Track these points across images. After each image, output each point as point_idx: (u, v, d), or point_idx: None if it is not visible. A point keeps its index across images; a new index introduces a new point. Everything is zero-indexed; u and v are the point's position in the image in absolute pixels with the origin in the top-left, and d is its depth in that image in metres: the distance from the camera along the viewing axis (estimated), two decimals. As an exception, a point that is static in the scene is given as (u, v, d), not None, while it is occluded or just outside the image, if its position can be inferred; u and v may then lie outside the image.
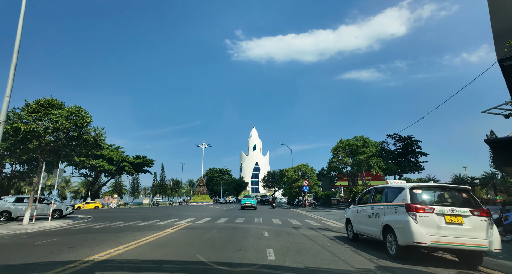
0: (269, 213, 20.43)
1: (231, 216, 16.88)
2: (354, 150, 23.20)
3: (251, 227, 10.63)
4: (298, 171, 30.89)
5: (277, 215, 18.67)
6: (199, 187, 52.03)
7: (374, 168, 22.41)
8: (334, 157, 24.02)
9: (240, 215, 17.85)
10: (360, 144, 23.02)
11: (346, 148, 23.30)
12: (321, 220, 15.07)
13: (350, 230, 7.84)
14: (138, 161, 58.08)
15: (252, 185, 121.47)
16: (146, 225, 11.88)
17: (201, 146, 54.81)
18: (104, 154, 53.26)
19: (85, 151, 16.02)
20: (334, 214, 20.27)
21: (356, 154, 23.28)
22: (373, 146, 22.92)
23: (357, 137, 24.16)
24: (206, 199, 50.27)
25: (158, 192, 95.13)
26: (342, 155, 23.37)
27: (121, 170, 56.17)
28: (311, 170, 30.62)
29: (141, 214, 20.42)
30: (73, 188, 72.75)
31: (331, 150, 24.49)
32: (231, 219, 14.31)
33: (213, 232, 9.18)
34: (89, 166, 50.05)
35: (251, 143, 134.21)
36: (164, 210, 27.85)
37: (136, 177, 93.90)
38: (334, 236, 8.63)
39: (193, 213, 19.89)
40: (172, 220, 14.24)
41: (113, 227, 11.40)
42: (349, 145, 23.46)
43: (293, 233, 9.12)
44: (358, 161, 22.69)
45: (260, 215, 17.67)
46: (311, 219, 15.77)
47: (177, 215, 17.95)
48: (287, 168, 32.05)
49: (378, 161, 22.78)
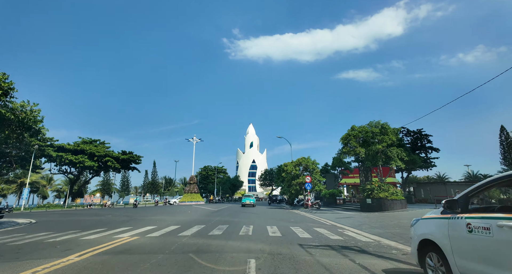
0: (264, 216, 16.06)
1: (212, 221, 12.47)
2: (369, 138, 18.88)
3: (230, 246, 6.24)
4: (298, 166, 26.53)
5: (274, 219, 14.32)
6: (189, 185, 47.50)
7: (394, 159, 18.13)
8: (344, 148, 19.68)
9: (225, 220, 13.46)
10: (377, 130, 18.73)
11: (360, 136, 18.95)
12: (336, 228, 10.72)
13: (436, 268, 3.46)
14: (124, 156, 53.34)
15: (249, 183, 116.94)
16: (68, 240, 7.48)
17: (191, 140, 50.29)
18: (85, 149, 48.59)
19: (3, 131, 11.45)
20: (347, 217, 15.94)
21: (371, 144, 18.97)
22: (392, 133, 18.64)
23: (373, 122, 19.86)
24: (197, 198, 45.78)
25: (149, 190, 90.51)
26: (354, 145, 19.00)
27: (104, 167, 51.50)
28: (314, 164, 26.26)
29: (101, 218, 15.97)
30: (55, 187, 67.93)
31: (340, 139, 20.15)
32: (208, 228, 9.90)
33: (151, 262, 4.77)
34: (67, 161, 45.40)
35: (247, 140, 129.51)
36: (136, 212, 23.38)
37: (126, 174, 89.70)
38: (386, 271, 4.25)
39: (165, 217, 15.46)
40: (121, 229, 9.79)
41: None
42: (363, 132, 19.13)
43: (303, 262, 4.78)
44: (374, 151, 18.34)
45: (252, 220, 13.30)
46: (321, 225, 11.40)
47: (141, 220, 13.51)
48: (286, 162, 27.67)
49: (399, 151, 18.49)
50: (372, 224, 11.79)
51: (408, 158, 18.69)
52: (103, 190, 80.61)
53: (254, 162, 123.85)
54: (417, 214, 15.69)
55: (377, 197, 18.31)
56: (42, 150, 43.61)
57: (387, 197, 17.89)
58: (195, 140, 49.82)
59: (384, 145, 18.13)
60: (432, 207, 21.87)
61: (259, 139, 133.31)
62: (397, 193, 18.09)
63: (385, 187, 18.35)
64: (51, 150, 44.18)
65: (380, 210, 18.03)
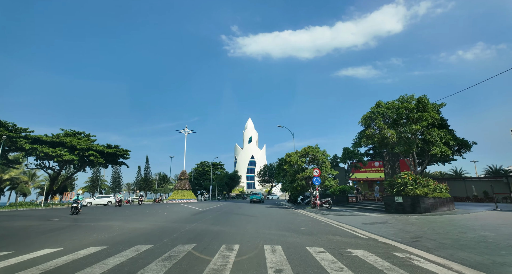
0: (262, 221, 11.43)
1: (175, 234, 7.78)
2: (402, 117, 14.18)
3: None
4: (304, 156, 21.87)
5: (276, 226, 9.67)
6: (180, 181, 42.82)
7: (436, 144, 13.46)
8: (367, 130, 14.96)
9: (200, 229, 8.79)
10: (412, 106, 14.02)
11: (389, 114, 14.22)
12: (388, 249, 6.05)
13: None
14: (109, 150, 48.50)
15: (248, 180, 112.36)
16: None
17: (183, 132, 45.49)
18: (65, 141, 43.81)
19: None
20: (377, 222, 11.31)
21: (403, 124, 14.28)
22: (433, 109, 13.93)
23: (404, 97, 15.08)
24: (189, 196, 41.16)
25: (142, 187, 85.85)
26: (381, 125, 14.28)
27: (88, 161, 46.78)
28: (324, 154, 21.58)
29: (30, 224, 11.35)
30: (38, 183, 63.21)
31: (361, 119, 15.42)
32: (152, 254, 5.22)
33: None
34: (42, 155, 40.67)
35: (246, 134, 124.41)
36: (101, 213, 18.74)
37: (117, 170, 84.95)
38: None
39: (117, 224, 10.81)
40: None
41: None
42: (392, 108, 14.41)
43: None
44: (409, 133, 13.65)
45: (242, 229, 8.64)
46: (356, 242, 6.73)
47: (72, 231, 8.87)
48: (289, 153, 22.97)
49: (442, 133, 13.81)
50: (444, 239, 7.11)
51: (454, 142, 14.04)
52: (92, 186, 76.03)
53: (253, 158, 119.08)
54: (488, 218, 11.03)
55: (412, 194, 13.70)
56: (13, 142, 38.85)
57: (427, 194, 13.28)
58: (186, 131, 45.05)
59: (424, 124, 13.42)
60: (481, 205, 17.17)
61: (258, 134, 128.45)
62: (441, 189, 13.47)
63: (423, 180, 13.72)
64: (24, 141, 39.41)
65: (416, 211, 13.44)
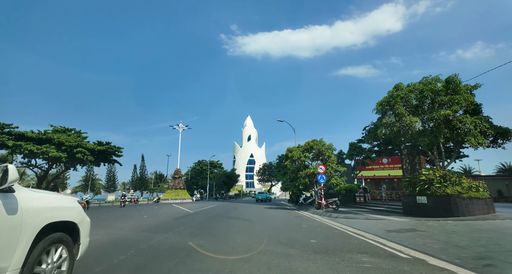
0: (259, 228, 9.02)
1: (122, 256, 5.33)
2: (425, 101, 11.73)
3: None
4: (308, 151, 19.42)
5: (277, 239, 7.25)
6: (174, 180, 40.38)
7: (471, 134, 10.99)
8: (384, 117, 12.50)
9: (168, 244, 6.33)
10: (440, 88, 11.56)
11: (411, 97, 11.74)
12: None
13: None
14: (100, 148, 45.90)
15: (247, 179, 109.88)
16: None
17: (177, 128, 43.01)
18: (53, 138, 41.32)
19: None
20: (404, 229, 8.90)
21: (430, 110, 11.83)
22: (466, 91, 11.47)
23: (428, 78, 12.61)
24: (183, 195, 38.73)
25: (138, 187, 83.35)
26: (401, 112, 11.78)
27: (77, 158, 44.29)
28: (330, 149, 19.11)
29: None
30: (27, 182, 60.72)
31: (377, 106, 12.90)
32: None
33: None
34: (26, 152, 38.22)
35: (245, 133, 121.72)
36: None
37: (112, 169, 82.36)
38: None
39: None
40: None
41: None
42: (415, 91, 11.92)
43: None
44: (437, 120, 11.20)
45: (228, 241, 6.22)
46: (399, 271, 4.28)
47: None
48: (291, 147, 20.51)
49: (477, 120, 11.33)
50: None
51: (493, 130, 11.59)
52: (86, 186, 73.50)
53: (252, 156, 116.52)
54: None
55: (441, 193, 11.30)
56: (-6, 138, 36.37)
57: (460, 194, 10.87)
58: (181, 127, 42.61)
59: (456, 108, 10.98)
60: (500, 206, 14.68)
61: (257, 132, 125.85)
62: (477, 188, 11.06)
63: (454, 177, 11.31)
64: (7, 138, 36.92)
65: (445, 215, 11.05)
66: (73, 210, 3.18)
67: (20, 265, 2.26)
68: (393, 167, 27.84)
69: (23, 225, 2.36)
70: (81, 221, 3.25)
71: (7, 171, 2.26)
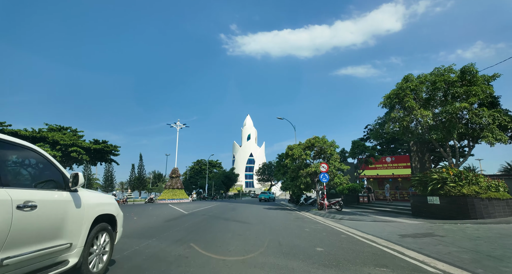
0: (254, 233, 8.06)
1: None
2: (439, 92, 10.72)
3: None
4: (309, 149, 18.45)
5: (275, 241, 6.30)
6: (171, 179, 39.39)
7: (488, 129, 10.01)
8: (392, 111, 11.52)
9: (149, 253, 5.34)
10: (455, 78, 10.61)
11: (422, 89, 10.80)
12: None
13: None
14: (96, 146, 45.03)
15: (246, 178, 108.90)
16: None
17: (174, 126, 41.98)
18: (47, 136, 40.42)
19: None
20: (423, 233, 7.95)
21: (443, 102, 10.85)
22: (484, 81, 10.48)
23: (441, 69, 11.65)
24: (180, 195, 37.75)
25: (136, 186, 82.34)
26: (411, 105, 10.81)
27: (72, 157, 43.33)
28: (332, 146, 18.12)
29: None
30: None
31: (384, 99, 11.91)
32: None
33: None
34: (19, 150, 37.15)
35: (245, 132, 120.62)
36: None
37: (110, 168, 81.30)
38: None
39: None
40: None
41: None
42: (426, 83, 10.95)
43: None
44: (451, 114, 10.22)
45: (220, 249, 5.26)
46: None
47: None
48: (291, 145, 19.54)
49: (496, 114, 10.33)
50: None
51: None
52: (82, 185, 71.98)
53: (252, 156, 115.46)
54: None
55: (456, 193, 10.36)
56: (-15, 136, 35.39)
57: (477, 194, 9.93)
58: (178, 125, 41.56)
59: (474, 101, 10.01)
60: None
61: (257, 131, 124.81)
62: (497, 187, 10.11)
63: (470, 176, 10.36)
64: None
65: (461, 217, 10.11)
66: (113, 205, 4.02)
67: (83, 244, 3.11)
68: (397, 166, 26.92)
69: (84, 216, 3.17)
70: (118, 214, 4.10)
71: (77, 177, 3.05)
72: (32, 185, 2.78)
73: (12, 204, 2.30)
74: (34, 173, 3.01)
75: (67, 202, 2.95)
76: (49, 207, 2.73)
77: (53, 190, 2.91)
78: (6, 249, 2.21)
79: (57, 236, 2.79)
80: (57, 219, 2.80)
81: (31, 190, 2.63)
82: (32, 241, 2.50)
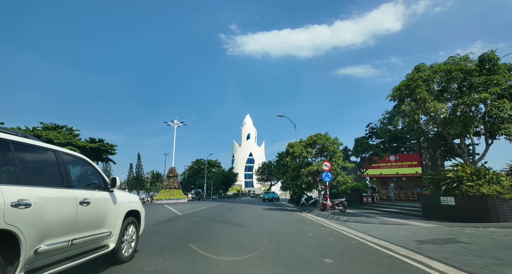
0: (250, 239, 7.10)
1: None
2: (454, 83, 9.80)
3: None
4: (311, 146, 17.48)
5: (274, 251, 5.34)
6: (168, 179, 38.40)
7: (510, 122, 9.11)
8: (402, 105, 10.55)
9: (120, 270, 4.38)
10: (473, 67, 9.69)
11: (435, 79, 9.86)
12: None
13: None
14: (92, 145, 44.04)
15: (245, 178, 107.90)
16: None
17: (172, 124, 40.96)
18: (40, 135, 39.45)
19: None
20: (444, 239, 6.98)
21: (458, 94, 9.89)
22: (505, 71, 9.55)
23: (455, 57, 10.70)
24: (178, 195, 36.78)
25: (134, 186, 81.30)
26: (424, 96, 9.85)
27: (67, 157, 42.32)
28: (335, 143, 17.15)
29: None
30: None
31: (393, 91, 10.96)
32: None
33: None
34: (11, 149, 36.17)
35: (244, 131, 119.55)
36: None
37: (107, 168, 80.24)
38: None
39: None
40: None
41: None
42: (440, 72, 10.05)
43: None
44: (468, 105, 9.26)
45: (208, 263, 4.28)
46: None
47: None
48: (292, 142, 18.58)
49: (518, 105, 9.47)
50: None
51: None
52: (79, 185, 71.07)
53: (251, 155, 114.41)
54: None
55: (474, 193, 9.41)
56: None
57: (500, 194, 8.98)
58: (176, 123, 40.53)
59: (495, 90, 9.06)
60: None
61: (256, 131, 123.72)
62: (522, 186, 9.16)
63: (490, 174, 9.42)
64: (-10, 135, 34.94)
65: (480, 219, 9.15)
66: (138, 203, 5.00)
67: (118, 233, 4.04)
68: (402, 165, 25.94)
69: (119, 211, 4.14)
70: (141, 210, 5.07)
71: (115, 180, 4.04)
72: (82, 186, 3.52)
73: (77, 201, 3.10)
74: (85, 177, 3.78)
75: (107, 200, 3.86)
76: (98, 203, 3.57)
77: (96, 190, 3.75)
78: (74, 233, 2.96)
79: (102, 225, 3.63)
80: (102, 212, 3.65)
81: (85, 190, 3.45)
82: (88, 228, 3.27)
